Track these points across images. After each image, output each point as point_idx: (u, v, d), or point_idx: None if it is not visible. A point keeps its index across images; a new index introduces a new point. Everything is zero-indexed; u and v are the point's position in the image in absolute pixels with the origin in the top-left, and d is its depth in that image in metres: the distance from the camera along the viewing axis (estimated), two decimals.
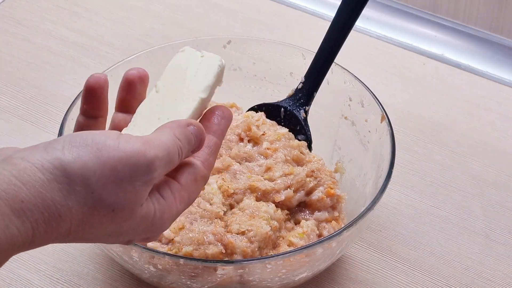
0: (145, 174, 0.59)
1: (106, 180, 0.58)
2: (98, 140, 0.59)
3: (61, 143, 0.58)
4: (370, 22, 1.16)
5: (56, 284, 0.85)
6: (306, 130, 0.88)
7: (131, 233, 0.62)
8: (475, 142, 1.00)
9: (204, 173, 0.66)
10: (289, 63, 0.94)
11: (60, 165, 0.57)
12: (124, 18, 1.15)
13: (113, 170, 0.58)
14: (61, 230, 0.58)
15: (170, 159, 0.62)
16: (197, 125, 0.65)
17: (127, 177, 0.59)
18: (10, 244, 0.55)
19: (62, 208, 0.57)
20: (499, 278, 0.86)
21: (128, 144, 0.59)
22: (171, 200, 0.63)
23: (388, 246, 0.89)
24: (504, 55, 1.12)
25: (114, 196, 0.58)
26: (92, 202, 0.58)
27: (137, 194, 0.60)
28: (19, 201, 0.55)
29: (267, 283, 0.77)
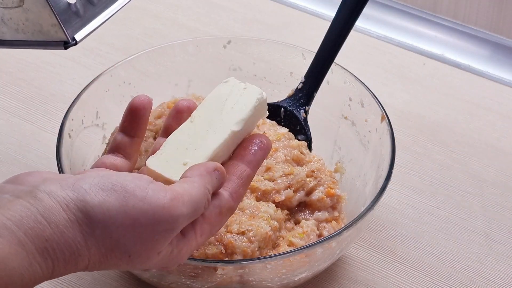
0: (167, 230, 0.60)
1: (126, 229, 0.59)
2: (128, 189, 0.60)
3: (89, 184, 0.59)
4: (370, 22, 1.16)
5: (56, 284, 0.84)
6: (306, 130, 0.88)
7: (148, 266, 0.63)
8: (475, 142, 1.00)
9: (230, 205, 0.66)
10: (289, 63, 0.94)
11: (84, 207, 0.59)
12: (124, 18, 1.15)
13: (135, 221, 0.59)
14: (79, 267, 0.60)
15: (196, 214, 0.62)
16: (221, 170, 0.65)
17: (148, 230, 0.60)
18: (32, 280, 0.57)
19: (82, 249, 0.59)
20: (499, 278, 0.86)
21: (156, 198, 0.60)
22: (191, 236, 0.64)
23: (388, 246, 0.89)
24: (504, 55, 1.12)
25: (131, 244, 0.60)
26: (110, 245, 0.59)
27: (156, 245, 0.61)
28: (44, 240, 0.57)
29: (267, 283, 0.77)
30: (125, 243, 0.60)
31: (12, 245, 0.56)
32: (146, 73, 0.91)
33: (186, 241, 0.64)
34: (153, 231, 0.60)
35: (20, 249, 0.56)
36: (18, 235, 0.56)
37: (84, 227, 0.58)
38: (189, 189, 0.62)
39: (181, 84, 0.95)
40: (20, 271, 0.56)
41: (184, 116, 0.71)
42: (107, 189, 0.59)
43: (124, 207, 0.59)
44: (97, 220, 0.59)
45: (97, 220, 0.59)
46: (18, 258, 0.56)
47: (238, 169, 0.68)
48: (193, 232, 0.64)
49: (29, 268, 0.56)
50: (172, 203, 0.60)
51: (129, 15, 1.15)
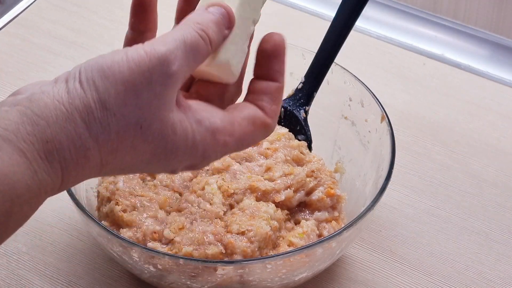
0: (162, 73, 0.56)
1: (123, 97, 0.55)
2: (107, 59, 0.56)
3: (77, 71, 0.56)
4: (370, 22, 1.16)
5: (56, 284, 0.84)
6: (306, 130, 0.88)
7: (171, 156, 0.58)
8: (475, 142, 1.00)
9: (266, 120, 0.61)
10: (289, 63, 0.93)
11: (77, 94, 0.55)
12: (124, 18, 1.15)
13: (127, 83, 0.55)
14: (91, 164, 0.55)
15: (189, 47, 0.57)
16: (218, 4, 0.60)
17: (143, 85, 0.55)
18: (41, 189, 0.54)
19: (88, 140, 0.55)
20: (499, 278, 0.86)
21: (136, 52, 0.56)
22: (217, 126, 0.59)
23: (388, 246, 0.89)
24: (504, 55, 1.12)
25: (137, 110, 0.55)
26: (116, 125, 0.55)
27: (160, 100, 0.56)
28: (45, 141, 0.54)
29: (267, 283, 0.77)
30: (129, 114, 0.55)
31: (12, 155, 0.52)
32: None
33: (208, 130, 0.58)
34: (149, 82, 0.55)
35: (22, 158, 0.52)
36: (16, 143, 0.53)
37: (84, 114, 0.54)
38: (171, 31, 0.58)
39: None
40: (25, 182, 0.52)
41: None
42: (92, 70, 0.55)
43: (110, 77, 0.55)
44: (93, 101, 0.55)
45: (93, 102, 0.55)
46: (20, 169, 0.52)
47: (264, 87, 0.62)
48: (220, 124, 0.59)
49: (34, 177, 0.53)
50: (151, 47, 0.56)
51: (129, 15, 1.15)
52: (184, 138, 0.57)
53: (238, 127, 0.60)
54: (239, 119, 0.60)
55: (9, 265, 0.86)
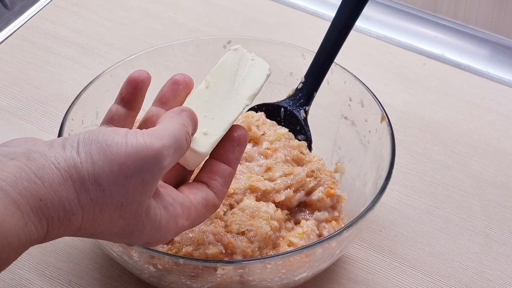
0: (154, 165, 0.61)
1: (116, 177, 0.60)
2: (108, 137, 0.61)
3: (76, 141, 0.61)
4: (370, 22, 1.16)
5: (56, 284, 0.84)
6: (306, 130, 0.88)
7: (136, 233, 0.64)
8: (475, 142, 1.00)
9: (215, 202, 0.69)
10: (289, 63, 0.94)
11: (74, 164, 0.60)
12: (124, 18, 1.15)
13: (122, 165, 0.60)
14: (72, 227, 0.60)
15: (178, 146, 0.64)
16: (188, 110, 0.67)
17: (136, 171, 0.61)
18: (27, 240, 0.58)
19: (76, 207, 0.60)
20: (499, 278, 0.86)
21: (136, 139, 0.61)
22: (179, 212, 0.66)
23: (388, 246, 0.89)
24: (504, 55, 1.12)
25: (123, 191, 0.61)
26: (103, 200, 0.60)
27: (145, 187, 0.62)
28: (38, 199, 0.58)
29: (267, 283, 0.77)
30: (116, 193, 0.60)
31: (7, 206, 0.56)
32: None
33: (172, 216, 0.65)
34: (142, 171, 0.61)
35: (16, 209, 0.57)
36: (13, 196, 0.57)
37: (77, 183, 0.59)
38: (164, 125, 0.64)
39: None
40: (16, 232, 0.57)
41: (180, 88, 0.72)
42: (91, 142, 0.61)
43: (108, 155, 0.60)
44: (88, 174, 0.60)
45: (87, 174, 0.60)
46: (13, 219, 0.56)
47: (220, 169, 0.70)
48: (180, 211, 0.66)
49: (24, 228, 0.57)
50: (150, 139, 0.61)
51: (129, 15, 1.15)
52: (152, 221, 0.64)
53: (194, 211, 0.67)
54: (195, 202, 0.67)
55: None
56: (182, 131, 0.64)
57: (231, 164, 0.70)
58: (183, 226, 0.67)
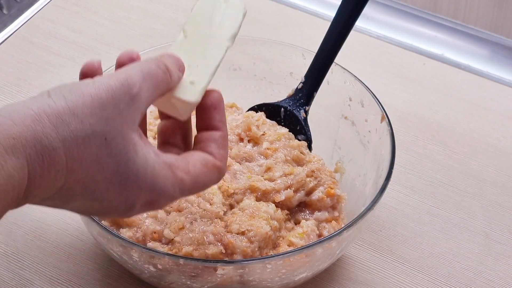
0: (124, 93, 0.60)
1: (90, 107, 0.59)
2: (76, 83, 0.60)
3: (46, 91, 0.59)
4: (370, 22, 1.16)
5: (56, 284, 0.85)
6: (306, 130, 0.88)
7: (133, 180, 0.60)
8: (475, 142, 1.00)
9: (215, 162, 0.66)
10: (289, 63, 0.94)
11: (47, 103, 0.58)
12: (124, 18, 1.15)
13: (94, 96, 0.59)
14: (57, 167, 0.57)
15: (149, 74, 0.62)
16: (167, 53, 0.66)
17: (108, 100, 0.59)
18: (9, 185, 0.55)
19: (54, 140, 0.57)
20: (499, 278, 0.86)
21: (100, 77, 0.61)
22: (173, 161, 0.63)
23: (388, 246, 0.89)
24: (504, 55, 1.12)
25: (102, 121, 0.59)
26: (83, 131, 0.58)
27: (123, 117, 0.60)
28: (11, 138, 0.56)
29: (267, 283, 0.77)
30: (95, 123, 0.59)
31: None
32: None
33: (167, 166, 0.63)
34: (114, 100, 0.60)
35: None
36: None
37: (52, 117, 0.57)
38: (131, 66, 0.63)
39: None
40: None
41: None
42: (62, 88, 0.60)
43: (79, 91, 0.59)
44: (63, 108, 0.58)
45: (63, 109, 0.58)
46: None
47: (209, 135, 0.68)
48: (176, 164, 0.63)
49: (1, 172, 0.55)
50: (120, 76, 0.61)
51: (129, 15, 1.15)
52: (144, 162, 0.61)
53: (192, 167, 0.64)
54: (192, 161, 0.65)
55: (9, 265, 0.86)
56: (151, 62, 0.63)
57: (217, 128, 0.68)
58: (183, 179, 0.63)
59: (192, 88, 0.68)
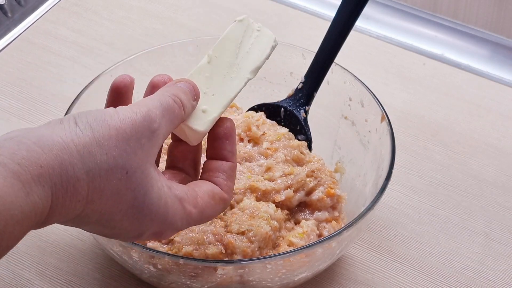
0: (146, 128, 0.62)
1: (115, 140, 0.60)
2: (101, 111, 0.62)
3: (72, 117, 0.61)
4: (370, 22, 1.16)
5: (56, 284, 0.85)
6: (306, 130, 0.88)
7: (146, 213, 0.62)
8: (475, 142, 1.00)
9: (222, 195, 0.68)
10: (289, 63, 0.94)
11: (74, 131, 0.59)
12: (124, 18, 1.15)
13: (119, 129, 0.61)
14: (79, 197, 0.59)
15: (166, 108, 0.64)
16: (183, 80, 0.68)
17: (133, 134, 0.61)
18: (32, 212, 0.56)
19: (79, 171, 0.59)
20: (499, 278, 0.86)
21: (123, 109, 0.62)
22: (184, 196, 0.65)
23: (388, 246, 0.89)
24: (504, 55, 1.12)
25: (125, 155, 0.60)
26: (107, 163, 0.60)
27: (144, 152, 0.62)
28: (39, 166, 0.57)
29: (267, 283, 0.77)
30: (119, 156, 0.60)
31: (6, 178, 0.55)
32: (146, 73, 0.91)
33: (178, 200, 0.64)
34: (137, 133, 0.61)
35: (15, 180, 0.55)
36: (11, 167, 0.56)
37: (80, 147, 0.59)
38: (151, 98, 0.65)
39: None
40: (18, 204, 0.55)
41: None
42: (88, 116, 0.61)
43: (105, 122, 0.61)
44: (90, 139, 0.59)
45: (89, 139, 0.59)
46: (14, 190, 0.55)
47: (218, 165, 0.69)
48: (186, 197, 0.65)
49: (27, 199, 0.56)
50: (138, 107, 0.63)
51: (129, 15, 1.15)
52: (158, 197, 0.63)
53: (201, 200, 0.66)
54: (200, 193, 0.67)
55: (9, 265, 0.86)
56: (166, 96, 0.65)
57: (227, 159, 0.70)
58: (191, 212, 0.66)
59: (203, 117, 0.68)
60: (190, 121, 0.68)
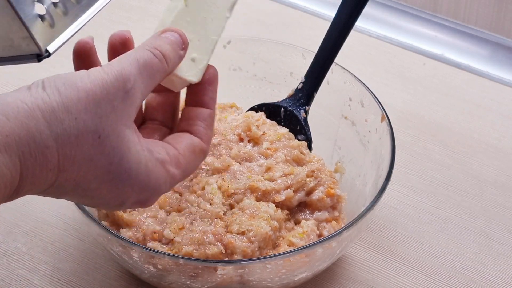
0: (119, 88, 0.59)
1: (85, 103, 0.57)
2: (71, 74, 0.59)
3: (41, 82, 0.58)
4: (370, 22, 1.16)
5: (56, 284, 0.85)
6: (306, 130, 0.88)
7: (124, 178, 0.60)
8: (475, 142, 1.00)
9: (202, 146, 0.66)
10: (289, 63, 0.94)
11: (41, 97, 0.57)
12: (124, 18, 1.15)
13: (89, 92, 0.58)
14: (50, 166, 0.56)
15: (144, 65, 0.61)
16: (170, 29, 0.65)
17: (103, 96, 0.58)
18: (1, 183, 0.54)
19: (47, 138, 0.56)
20: (499, 278, 0.86)
21: (95, 70, 0.59)
22: (165, 158, 0.62)
23: (388, 246, 0.89)
24: (504, 55, 1.12)
25: (96, 118, 0.58)
26: (76, 128, 0.57)
27: (118, 114, 0.59)
28: (4, 135, 0.55)
29: (267, 283, 0.77)
30: (89, 120, 0.57)
31: None
32: None
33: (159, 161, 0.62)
34: (108, 96, 0.58)
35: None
36: None
37: (46, 112, 0.56)
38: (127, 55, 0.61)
39: None
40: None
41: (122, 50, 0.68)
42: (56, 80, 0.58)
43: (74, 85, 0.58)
44: (57, 104, 0.57)
45: (56, 104, 0.57)
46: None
47: (198, 113, 0.67)
48: (167, 157, 0.62)
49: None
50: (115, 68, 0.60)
51: (129, 15, 1.15)
52: (137, 161, 0.60)
53: (183, 159, 0.64)
54: (181, 150, 0.64)
55: (9, 265, 0.86)
56: (144, 50, 0.62)
57: (208, 105, 0.67)
58: (174, 174, 0.63)
59: (194, 66, 0.66)
60: (182, 72, 0.65)
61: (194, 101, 0.67)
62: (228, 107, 0.91)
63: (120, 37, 0.66)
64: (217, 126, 0.85)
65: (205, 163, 0.83)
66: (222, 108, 0.90)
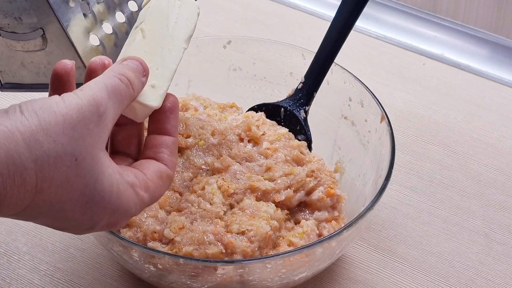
0: (93, 113, 0.60)
1: (62, 127, 0.59)
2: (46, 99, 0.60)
3: (18, 106, 0.59)
4: (370, 22, 1.16)
5: (56, 284, 0.85)
6: (306, 130, 0.88)
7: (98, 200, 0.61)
8: (475, 142, 1.00)
9: (168, 172, 0.68)
10: (289, 63, 0.94)
11: (20, 120, 0.58)
12: None
13: (65, 116, 0.59)
14: (27, 188, 0.57)
15: (112, 90, 0.63)
16: (131, 58, 0.66)
17: (79, 120, 0.59)
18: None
19: (27, 160, 0.57)
20: (499, 278, 0.86)
21: (69, 95, 0.61)
22: (135, 182, 0.64)
23: (388, 246, 0.89)
24: (504, 55, 1.12)
25: (73, 141, 0.59)
26: (55, 151, 0.58)
27: (93, 137, 0.60)
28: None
29: (267, 283, 0.77)
30: (67, 143, 0.59)
31: None
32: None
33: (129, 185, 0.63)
34: (84, 119, 0.60)
35: None
36: None
37: (26, 135, 0.57)
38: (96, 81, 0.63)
39: (181, 84, 0.95)
40: None
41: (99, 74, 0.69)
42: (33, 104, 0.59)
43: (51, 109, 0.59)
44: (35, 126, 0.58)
45: (35, 126, 0.58)
46: None
47: (162, 141, 0.69)
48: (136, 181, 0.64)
49: None
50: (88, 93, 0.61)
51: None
52: (110, 183, 0.62)
53: (151, 183, 0.66)
54: (149, 175, 0.66)
55: (9, 265, 0.86)
56: (112, 77, 0.63)
57: (171, 133, 0.69)
58: (143, 198, 0.65)
59: (154, 92, 0.68)
60: (142, 98, 0.67)
61: (157, 129, 0.69)
62: (228, 107, 0.91)
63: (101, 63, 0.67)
64: (217, 126, 0.85)
65: (205, 163, 0.83)
66: (222, 108, 0.90)
